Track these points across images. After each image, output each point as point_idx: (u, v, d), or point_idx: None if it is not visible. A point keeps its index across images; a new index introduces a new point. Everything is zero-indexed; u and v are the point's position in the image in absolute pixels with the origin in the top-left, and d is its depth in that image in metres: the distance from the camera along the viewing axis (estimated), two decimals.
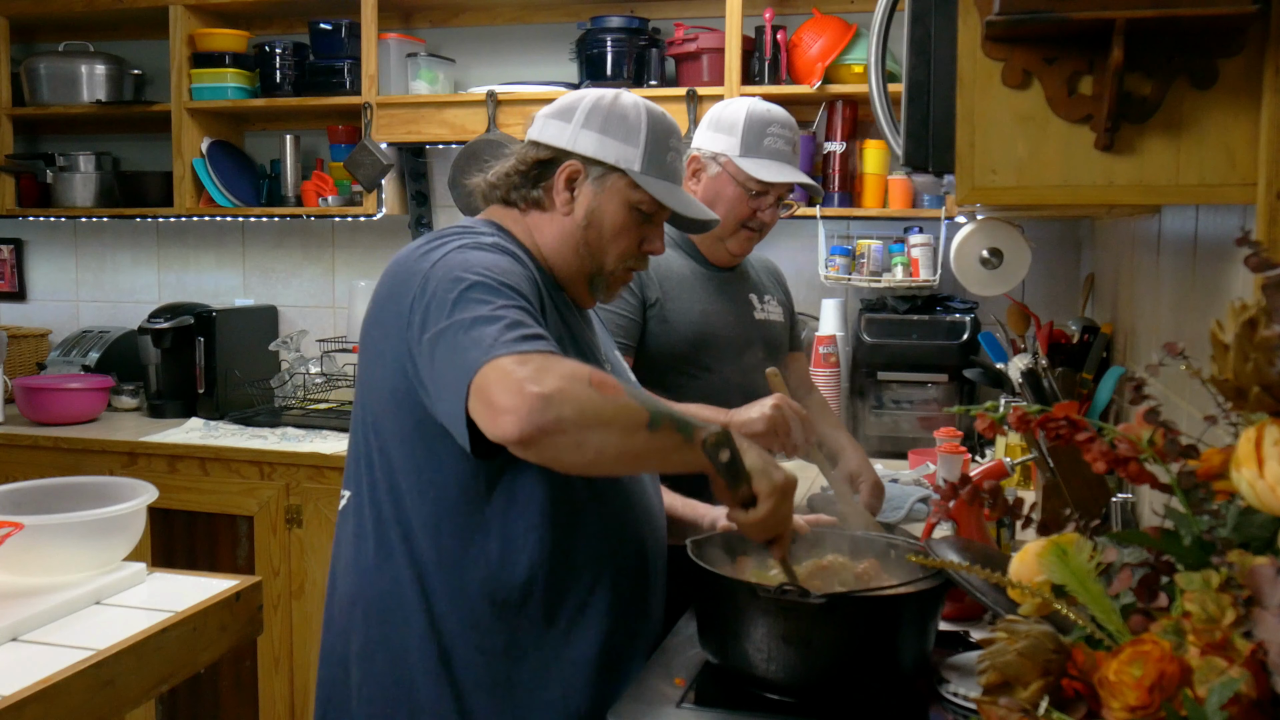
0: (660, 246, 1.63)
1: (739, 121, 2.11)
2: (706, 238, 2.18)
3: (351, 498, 1.59)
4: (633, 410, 1.31)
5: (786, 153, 2.12)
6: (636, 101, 1.59)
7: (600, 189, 1.57)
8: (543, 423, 1.25)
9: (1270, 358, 0.82)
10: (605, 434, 1.29)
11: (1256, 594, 0.80)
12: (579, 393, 1.27)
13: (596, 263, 1.59)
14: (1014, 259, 2.40)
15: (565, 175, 1.57)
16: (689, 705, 1.40)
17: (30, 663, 1.47)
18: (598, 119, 1.57)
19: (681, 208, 1.60)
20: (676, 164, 1.62)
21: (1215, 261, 1.44)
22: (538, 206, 1.60)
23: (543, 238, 1.60)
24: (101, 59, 3.83)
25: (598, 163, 1.56)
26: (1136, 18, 1.10)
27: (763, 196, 2.12)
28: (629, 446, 1.31)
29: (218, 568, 3.21)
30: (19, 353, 3.92)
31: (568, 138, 1.57)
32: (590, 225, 1.57)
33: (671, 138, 1.60)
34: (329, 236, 3.94)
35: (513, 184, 1.61)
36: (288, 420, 3.50)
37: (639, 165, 1.56)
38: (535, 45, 3.65)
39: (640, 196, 1.57)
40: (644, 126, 1.57)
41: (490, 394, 1.27)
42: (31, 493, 1.83)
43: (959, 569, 1.08)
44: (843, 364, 3.23)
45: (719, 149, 2.13)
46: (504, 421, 1.26)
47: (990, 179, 1.25)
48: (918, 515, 2.40)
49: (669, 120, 1.61)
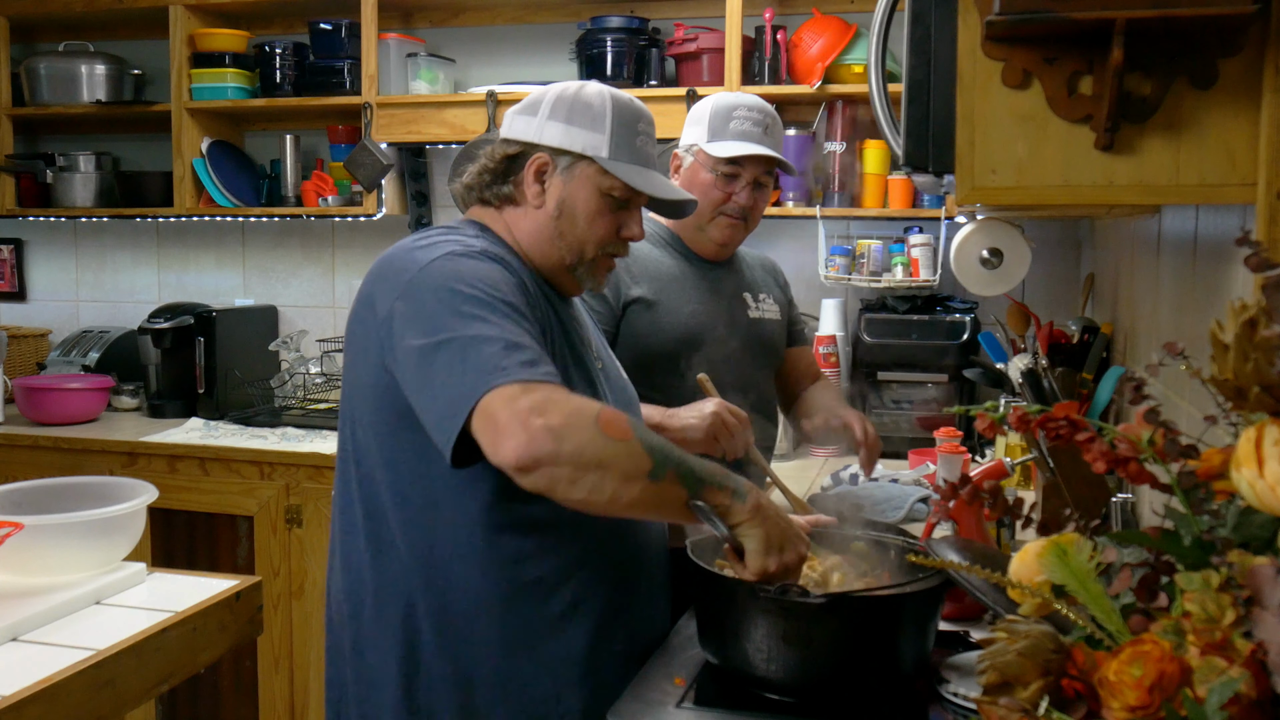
0: (639, 231, 1.63)
1: (706, 111, 2.15)
2: (689, 229, 2.19)
3: (340, 494, 1.60)
4: (637, 456, 1.31)
5: (756, 133, 2.12)
6: (601, 90, 1.59)
7: (570, 178, 1.57)
8: (542, 455, 1.27)
9: (1270, 358, 0.82)
10: (602, 476, 1.30)
11: (1256, 594, 0.80)
12: (583, 431, 1.29)
13: (575, 252, 1.60)
14: (1014, 259, 2.40)
15: (534, 168, 1.58)
16: (689, 705, 1.40)
17: (30, 663, 1.48)
18: (563, 110, 1.57)
19: (654, 190, 1.60)
20: (647, 148, 1.62)
21: (1215, 261, 1.44)
22: (511, 202, 1.61)
23: (520, 232, 1.61)
24: (101, 59, 3.83)
25: (565, 152, 1.57)
26: (1136, 18, 1.10)
27: (734, 180, 2.12)
28: (625, 493, 1.32)
29: (218, 568, 3.21)
30: (19, 353, 3.92)
31: (534, 131, 1.58)
32: (563, 215, 1.58)
33: (639, 122, 1.60)
34: (329, 236, 3.94)
35: (485, 182, 1.62)
36: (288, 420, 3.50)
37: (606, 151, 1.56)
38: (535, 45, 3.65)
39: (611, 183, 1.57)
40: (609, 113, 1.57)
41: (494, 420, 1.29)
42: (31, 493, 1.83)
43: (959, 569, 1.08)
44: (843, 364, 3.23)
45: (691, 140, 2.16)
46: (505, 448, 1.28)
47: (990, 179, 1.25)
48: (918, 515, 2.40)
49: (636, 105, 1.61)
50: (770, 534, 1.38)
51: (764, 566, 1.37)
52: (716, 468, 1.39)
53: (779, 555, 1.38)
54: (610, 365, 1.74)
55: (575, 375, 1.56)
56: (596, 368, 1.65)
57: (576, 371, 1.57)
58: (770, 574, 1.37)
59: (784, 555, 1.39)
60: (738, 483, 1.39)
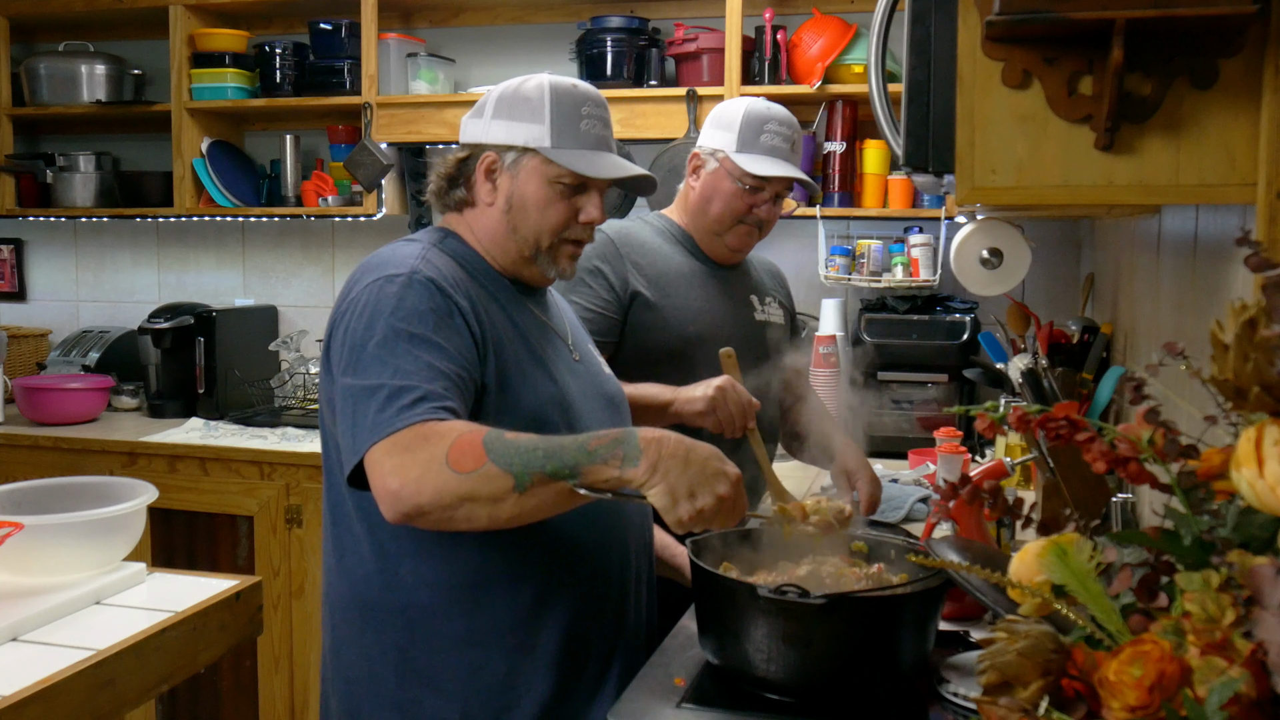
0: (599, 215, 1.63)
1: (737, 118, 2.12)
2: (704, 232, 2.18)
3: (324, 497, 1.64)
4: (493, 479, 1.33)
5: (784, 150, 2.13)
6: (540, 81, 1.61)
7: (516, 172, 1.60)
8: (409, 511, 1.35)
9: (1270, 358, 0.82)
10: (470, 508, 1.34)
11: (1256, 594, 0.80)
12: (434, 478, 1.33)
13: (531, 244, 1.61)
14: (1014, 259, 2.40)
15: (484, 167, 1.61)
16: (689, 705, 1.40)
17: (30, 663, 1.48)
18: (505, 107, 1.60)
19: (600, 172, 1.60)
20: (595, 130, 1.62)
21: (1215, 261, 1.44)
22: (468, 204, 1.65)
23: (480, 232, 1.64)
24: (101, 59, 3.83)
25: (510, 148, 1.59)
26: (1136, 18, 1.10)
27: (759, 192, 2.12)
28: (499, 512, 1.35)
29: (218, 568, 3.21)
30: (19, 353, 3.92)
31: (481, 132, 1.62)
32: (513, 209, 1.60)
33: (583, 105, 1.61)
34: (329, 236, 3.94)
35: (443, 189, 1.66)
36: (288, 420, 3.50)
37: (549, 140, 1.58)
38: (535, 45, 3.65)
39: (557, 171, 1.58)
40: (548, 102, 1.58)
41: (371, 479, 1.38)
42: (31, 493, 1.83)
43: (959, 569, 1.08)
44: (843, 364, 3.22)
45: (717, 145, 2.14)
46: (381, 507, 1.38)
47: (990, 179, 1.24)
48: (918, 515, 2.40)
49: (580, 90, 1.62)
50: (675, 486, 1.33)
51: (679, 519, 1.34)
52: (601, 440, 1.35)
53: (690, 503, 1.33)
54: (589, 359, 1.75)
55: (531, 373, 1.57)
56: (571, 360, 1.67)
57: (534, 369, 1.58)
58: (689, 523, 1.34)
59: (696, 501, 1.34)
60: (628, 447, 1.34)
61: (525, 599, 1.54)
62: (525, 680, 1.54)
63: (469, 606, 1.53)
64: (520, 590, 1.54)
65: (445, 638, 1.53)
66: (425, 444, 1.35)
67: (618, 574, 1.64)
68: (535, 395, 1.55)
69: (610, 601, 1.62)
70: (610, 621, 1.62)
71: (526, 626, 1.54)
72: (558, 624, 1.56)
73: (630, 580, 1.67)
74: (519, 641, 1.54)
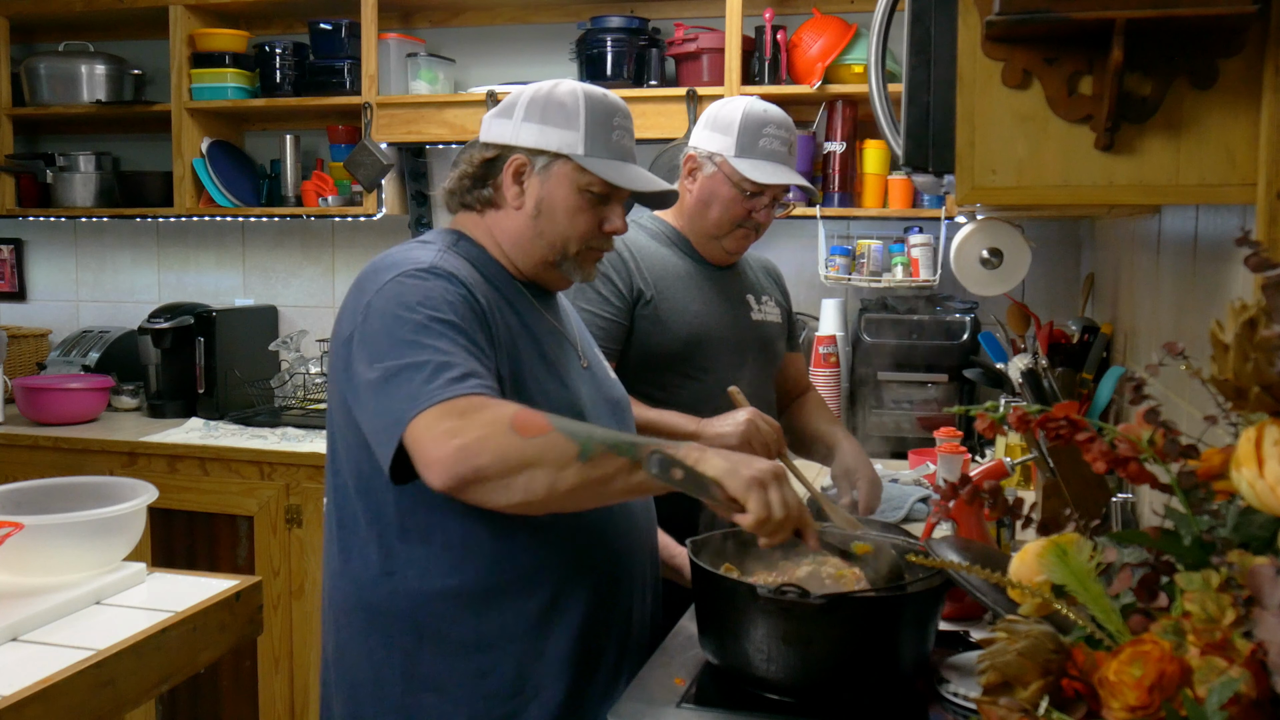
0: (622, 225, 1.64)
1: (735, 121, 2.10)
2: (701, 236, 2.18)
3: (327, 500, 1.62)
4: (559, 445, 1.32)
5: (782, 154, 2.12)
6: (574, 88, 1.60)
7: (547, 177, 1.58)
8: (464, 473, 1.30)
9: (1270, 358, 0.82)
10: (531, 474, 1.31)
11: (1256, 594, 0.80)
12: (498, 439, 1.31)
13: (557, 249, 1.61)
14: (1014, 259, 2.40)
15: (512, 170, 1.59)
16: (689, 705, 1.40)
17: (30, 663, 1.48)
18: (537, 110, 1.58)
19: (631, 184, 1.60)
20: (624, 141, 1.63)
21: (1215, 261, 1.44)
22: (492, 205, 1.62)
23: (502, 235, 1.62)
24: (101, 59, 3.83)
25: (541, 152, 1.58)
26: (1136, 18, 1.10)
27: (758, 197, 2.11)
28: (561, 482, 1.32)
29: (218, 568, 3.21)
30: (19, 353, 3.92)
31: (510, 133, 1.60)
32: (542, 214, 1.59)
33: (615, 116, 1.61)
34: (329, 236, 3.94)
35: (465, 187, 1.63)
36: (288, 420, 3.50)
37: (582, 149, 1.57)
38: (535, 45, 3.65)
39: (588, 179, 1.58)
40: (582, 110, 1.58)
41: (418, 447, 1.34)
42: (31, 493, 1.83)
43: (959, 569, 1.08)
44: (843, 364, 3.23)
45: (715, 148, 2.11)
46: (430, 474, 1.33)
47: (990, 179, 1.25)
48: (918, 515, 2.40)
49: (610, 100, 1.62)
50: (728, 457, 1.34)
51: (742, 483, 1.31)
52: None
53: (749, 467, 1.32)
54: (596, 365, 1.74)
55: (543, 377, 1.57)
56: (580, 367, 1.66)
57: (545, 374, 1.57)
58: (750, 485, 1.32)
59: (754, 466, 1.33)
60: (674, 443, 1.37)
61: (537, 604, 1.52)
62: (533, 686, 1.53)
63: (479, 611, 1.51)
64: (532, 595, 1.52)
65: (453, 642, 1.52)
66: (484, 410, 1.33)
67: (627, 579, 1.63)
68: (547, 399, 1.53)
69: (620, 607, 1.62)
70: (620, 627, 1.62)
71: (537, 631, 1.53)
72: (569, 629, 1.54)
73: (638, 585, 1.66)
74: (529, 646, 1.52)
